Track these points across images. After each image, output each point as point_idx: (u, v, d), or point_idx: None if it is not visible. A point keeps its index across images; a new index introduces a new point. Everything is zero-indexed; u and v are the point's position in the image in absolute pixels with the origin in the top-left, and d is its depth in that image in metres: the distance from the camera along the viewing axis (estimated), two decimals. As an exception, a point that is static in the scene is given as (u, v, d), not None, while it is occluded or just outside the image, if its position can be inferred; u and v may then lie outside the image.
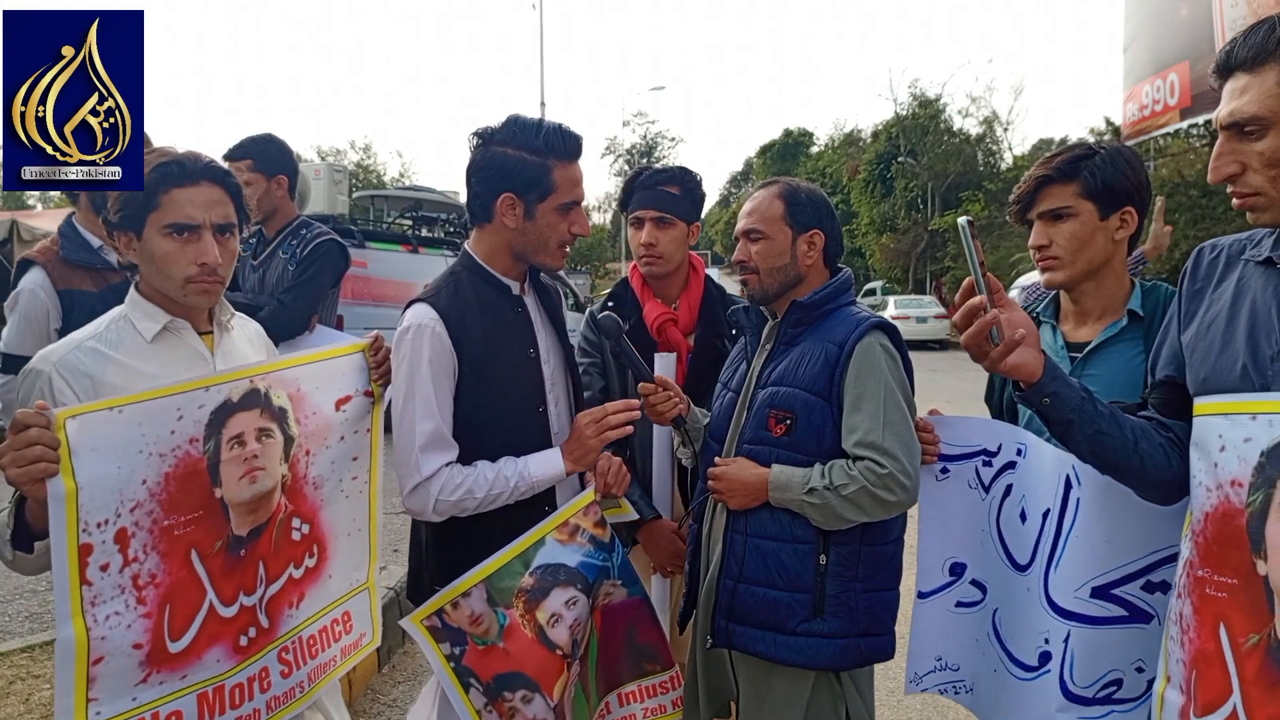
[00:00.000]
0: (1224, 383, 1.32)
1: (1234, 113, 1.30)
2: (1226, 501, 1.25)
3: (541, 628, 1.83)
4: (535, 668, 1.82)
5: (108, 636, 1.41)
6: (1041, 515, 1.79)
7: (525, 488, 1.89)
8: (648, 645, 2.07)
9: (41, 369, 1.58)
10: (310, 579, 1.78)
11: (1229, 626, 1.23)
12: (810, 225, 2.04)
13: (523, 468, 1.89)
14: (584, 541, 1.92)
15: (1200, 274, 1.48)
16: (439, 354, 1.86)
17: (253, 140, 3.24)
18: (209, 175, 1.69)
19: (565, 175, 1.91)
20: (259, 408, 1.63)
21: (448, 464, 1.88)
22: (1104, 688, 1.68)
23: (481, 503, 1.86)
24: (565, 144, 1.91)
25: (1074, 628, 1.69)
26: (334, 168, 11.13)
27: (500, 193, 1.91)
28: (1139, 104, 16.01)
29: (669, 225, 2.43)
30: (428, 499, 1.85)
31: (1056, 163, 1.86)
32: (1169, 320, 1.52)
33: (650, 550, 2.39)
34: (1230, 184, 1.34)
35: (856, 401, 1.89)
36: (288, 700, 1.72)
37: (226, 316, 1.82)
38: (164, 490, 1.47)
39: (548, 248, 1.96)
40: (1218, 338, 1.36)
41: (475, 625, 1.84)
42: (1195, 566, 1.30)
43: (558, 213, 1.93)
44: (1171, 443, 1.46)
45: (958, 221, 1.49)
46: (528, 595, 1.85)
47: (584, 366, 2.49)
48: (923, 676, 2.06)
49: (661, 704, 2.10)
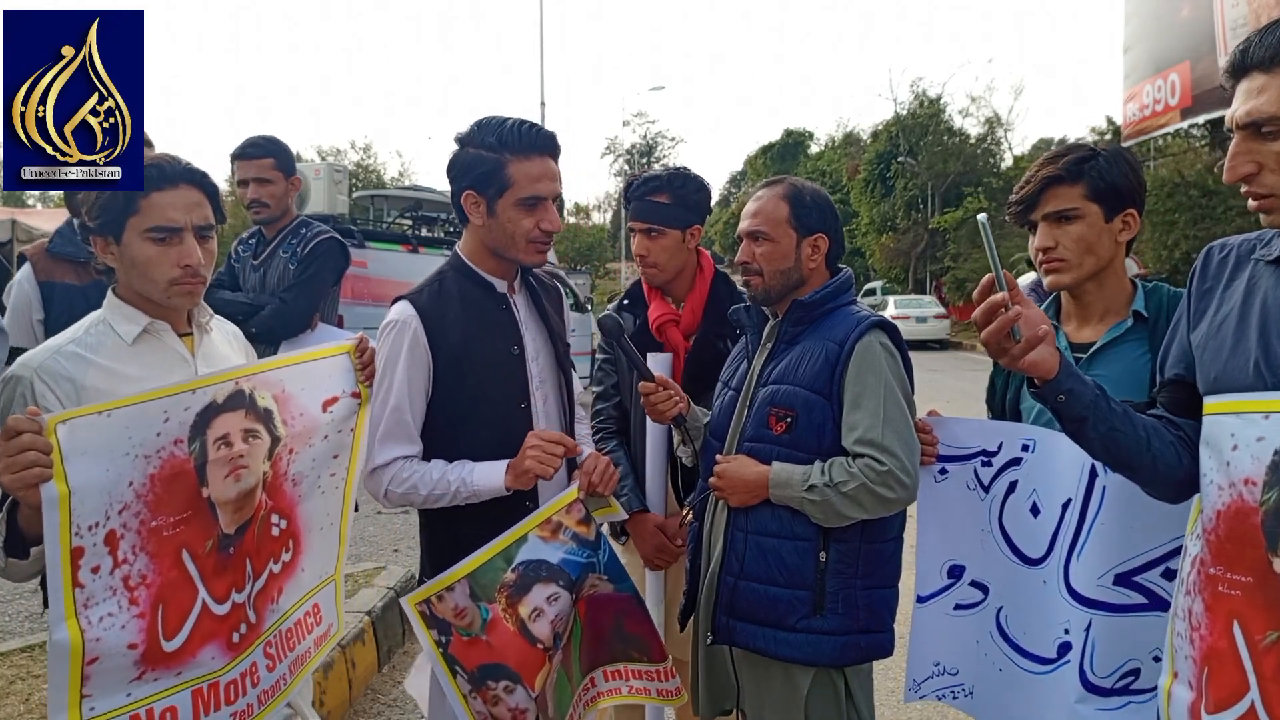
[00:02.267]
0: (1236, 382, 1.31)
1: (1251, 112, 1.29)
2: (1240, 500, 1.24)
3: (523, 622, 1.87)
4: (517, 660, 1.86)
5: (102, 638, 1.41)
6: (1061, 506, 1.78)
7: (466, 494, 1.92)
8: (636, 636, 2.08)
9: (22, 375, 1.58)
10: (287, 573, 1.80)
11: (1244, 624, 1.23)
12: (815, 229, 2.03)
13: (467, 475, 1.92)
14: (566, 539, 1.93)
15: (1210, 273, 1.47)
16: (413, 350, 1.92)
17: (269, 140, 3.28)
18: (188, 178, 1.69)
19: (523, 170, 1.91)
20: (244, 409, 1.63)
21: (405, 457, 1.94)
22: (1122, 678, 1.69)
23: (425, 500, 1.94)
24: (522, 139, 1.91)
25: (1096, 616, 1.69)
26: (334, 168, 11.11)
27: (462, 190, 1.95)
28: (1139, 104, 16.02)
29: (658, 235, 2.43)
30: (379, 486, 1.96)
31: (1063, 163, 1.84)
32: (1177, 319, 1.52)
33: (637, 543, 2.42)
34: (1245, 184, 1.33)
35: (856, 399, 1.89)
36: (275, 693, 1.74)
37: (206, 318, 1.83)
38: (150, 492, 1.48)
39: (515, 243, 1.97)
40: (1229, 337, 1.36)
41: (459, 618, 1.88)
42: (1207, 564, 1.30)
43: (518, 208, 1.93)
44: (1182, 441, 1.46)
45: (977, 218, 1.48)
46: (510, 590, 1.88)
47: (600, 363, 2.57)
48: (921, 683, 2.05)
49: (648, 687, 2.10)
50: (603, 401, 2.59)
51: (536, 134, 1.93)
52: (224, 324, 1.96)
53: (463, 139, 1.97)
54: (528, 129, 1.93)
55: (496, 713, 1.87)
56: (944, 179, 32.35)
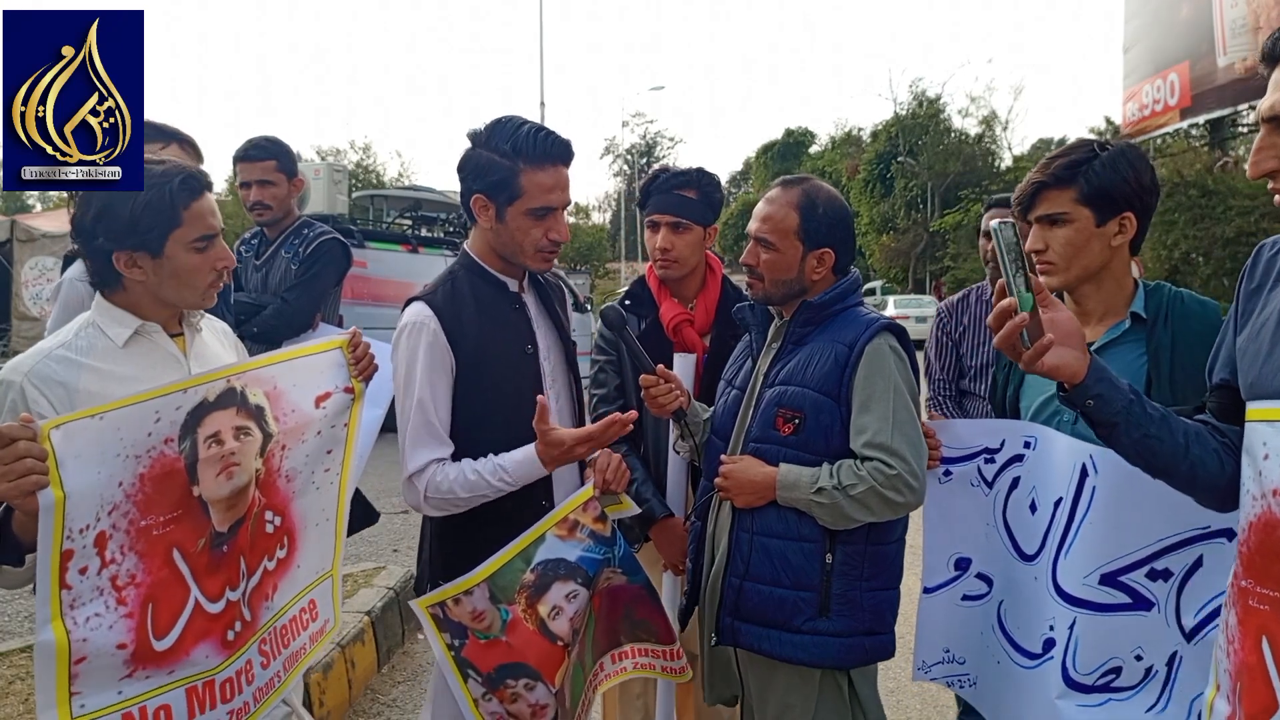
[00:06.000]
0: (1270, 387, 1.25)
1: (1276, 105, 1.25)
2: (1269, 512, 1.19)
3: (543, 620, 1.87)
4: (537, 658, 1.86)
5: (89, 638, 1.40)
6: (1053, 504, 1.79)
7: (504, 486, 1.89)
8: (645, 621, 2.09)
9: (12, 380, 1.56)
10: (282, 570, 1.80)
11: (1272, 640, 1.19)
12: (823, 243, 2.01)
13: (501, 463, 1.90)
14: (583, 537, 1.94)
15: (1258, 273, 1.40)
16: (435, 351, 1.89)
17: (271, 141, 3.28)
18: (209, 184, 1.72)
19: (535, 180, 1.89)
20: (235, 406, 1.62)
21: (438, 459, 1.91)
22: (1103, 675, 1.70)
23: (467, 501, 1.91)
24: (538, 148, 1.89)
25: (1080, 614, 1.70)
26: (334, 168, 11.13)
27: (473, 194, 1.94)
28: (1139, 104, 16.04)
29: (684, 230, 2.42)
30: (417, 494, 1.92)
31: (1054, 167, 1.84)
32: (1227, 320, 1.46)
33: (661, 548, 2.39)
34: (1271, 180, 1.30)
35: (866, 402, 1.89)
36: (269, 690, 1.74)
37: (196, 317, 1.83)
38: (139, 491, 1.47)
39: (523, 251, 1.96)
40: (1266, 340, 1.30)
41: (477, 621, 1.88)
42: (1239, 577, 1.26)
43: (528, 217, 1.92)
44: (1226, 448, 1.40)
45: (991, 225, 1.47)
46: (529, 590, 1.88)
47: (599, 364, 2.52)
48: (931, 666, 2.08)
49: (652, 663, 2.11)
50: (606, 405, 2.54)
51: (552, 143, 1.91)
52: (214, 322, 1.95)
53: (476, 139, 1.94)
54: (543, 137, 1.90)
55: (515, 710, 1.88)
56: (944, 179, 32.36)
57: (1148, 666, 1.67)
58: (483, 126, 1.95)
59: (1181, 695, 1.66)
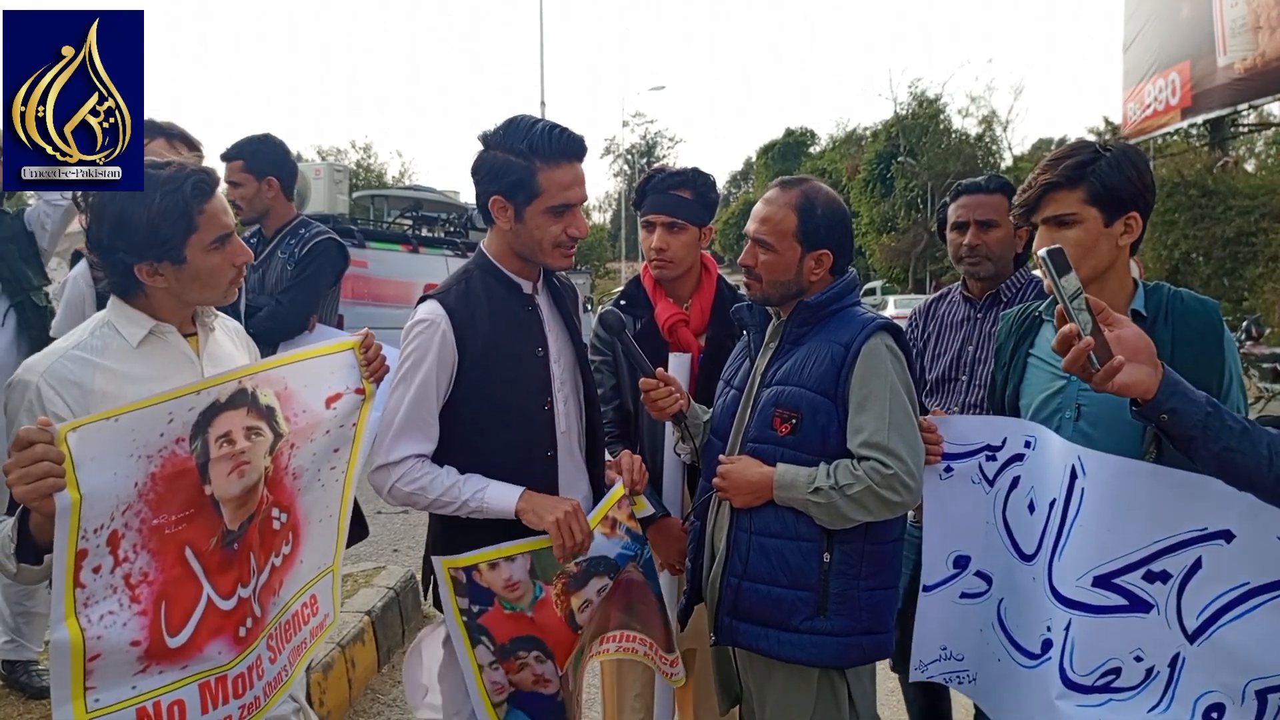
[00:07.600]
0: None
1: None
2: None
3: (572, 611, 1.93)
4: (554, 641, 1.93)
5: (103, 636, 1.42)
6: (1048, 505, 1.79)
7: (474, 508, 1.90)
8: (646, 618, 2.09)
9: (29, 380, 1.57)
10: (287, 565, 1.81)
11: None
12: (821, 245, 2.01)
13: (480, 489, 1.90)
14: (622, 534, 2.00)
15: None
16: (441, 349, 1.91)
17: (247, 141, 3.24)
18: (217, 179, 1.72)
19: (553, 178, 1.90)
20: (246, 407, 1.63)
21: (418, 455, 1.92)
22: (1102, 676, 1.69)
23: (431, 504, 1.92)
24: (553, 145, 1.89)
25: (1075, 616, 1.70)
26: (334, 167, 11.13)
27: (490, 195, 1.94)
28: (1140, 104, 16.03)
29: (680, 230, 2.43)
30: (387, 481, 1.93)
31: (1062, 168, 1.83)
32: None
33: (658, 547, 2.39)
34: None
35: (862, 402, 1.89)
36: (278, 684, 1.75)
37: (210, 317, 1.83)
38: (152, 490, 1.48)
39: (543, 249, 1.96)
40: None
41: (510, 590, 1.91)
42: None
43: (547, 215, 1.92)
44: None
45: (1040, 254, 1.46)
46: (569, 580, 1.94)
47: (595, 365, 2.51)
48: (928, 665, 2.07)
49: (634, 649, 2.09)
50: (603, 405, 2.54)
51: (567, 140, 1.91)
52: (226, 321, 1.96)
53: (490, 141, 1.94)
54: (558, 135, 1.90)
55: (518, 679, 1.92)
56: (944, 179, 32.33)
57: (1149, 667, 1.66)
58: (494, 128, 1.94)
59: (1185, 696, 1.65)
